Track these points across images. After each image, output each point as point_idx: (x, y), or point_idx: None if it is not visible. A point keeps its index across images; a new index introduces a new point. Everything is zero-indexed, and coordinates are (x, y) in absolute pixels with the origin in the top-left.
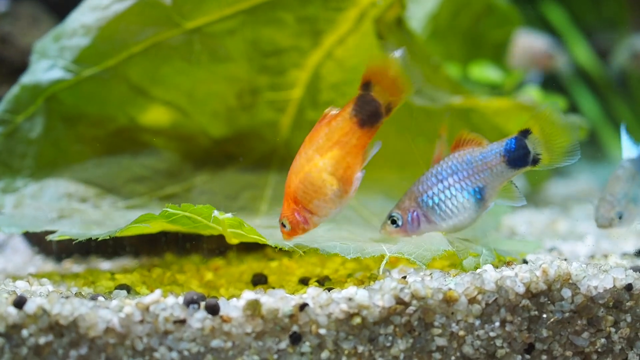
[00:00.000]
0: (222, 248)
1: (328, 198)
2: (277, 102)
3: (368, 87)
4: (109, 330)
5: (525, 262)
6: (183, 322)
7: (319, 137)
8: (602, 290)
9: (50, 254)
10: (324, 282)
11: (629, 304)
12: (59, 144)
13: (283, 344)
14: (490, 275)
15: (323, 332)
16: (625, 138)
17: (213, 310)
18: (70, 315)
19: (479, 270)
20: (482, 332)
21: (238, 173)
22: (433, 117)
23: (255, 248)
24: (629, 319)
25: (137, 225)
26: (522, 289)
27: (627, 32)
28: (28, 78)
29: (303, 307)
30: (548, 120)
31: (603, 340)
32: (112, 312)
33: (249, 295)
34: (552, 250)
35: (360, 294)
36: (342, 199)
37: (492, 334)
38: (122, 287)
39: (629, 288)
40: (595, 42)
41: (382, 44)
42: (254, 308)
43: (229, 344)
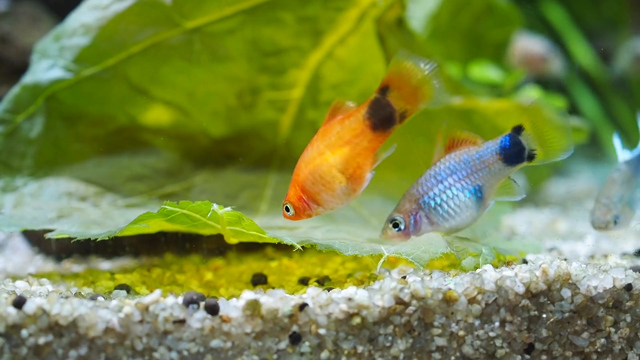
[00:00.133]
0: (221, 248)
1: (335, 193)
2: (277, 101)
3: (385, 91)
4: (109, 330)
5: (525, 262)
6: (183, 322)
7: (332, 133)
8: (601, 290)
9: (50, 254)
10: (324, 282)
11: (629, 304)
12: (59, 144)
13: (283, 344)
14: (490, 275)
15: (323, 332)
16: (618, 143)
17: (213, 310)
18: (70, 315)
19: (479, 270)
20: (481, 332)
21: (238, 173)
22: (433, 117)
23: (255, 248)
24: (629, 319)
25: (136, 226)
26: (521, 289)
27: (627, 32)
28: (28, 78)
29: (303, 307)
30: (538, 116)
31: (603, 340)
32: (111, 312)
33: (249, 295)
34: (552, 250)
35: (360, 294)
36: (349, 197)
37: (491, 334)
38: (121, 287)
39: (629, 288)
40: (595, 42)
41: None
42: (254, 308)
43: (229, 344)
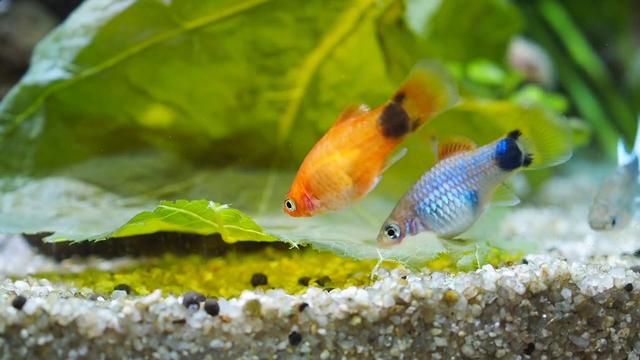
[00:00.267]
0: (221, 248)
1: (340, 195)
2: (277, 102)
3: (401, 98)
4: (109, 331)
5: (525, 262)
6: (182, 322)
7: (342, 134)
8: (602, 291)
9: (50, 254)
10: (324, 282)
11: (629, 304)
12: (59, 144)
13: (283, 344)
14: (490, 276)
15: (323, 332)
16: (622, 147)
17: (213, 311)
18: (70, 316)
19: (479, 271)
20: (482, 332)
21: (237, 173)
22: (434, 118)
23: (255, 248)
24: (629, 319)
25: (133, 225)
26: (522, 289)
27: (627, 33)
28: (28, 78)
29: (303, 307)
30: (537, 120)
31: (603, 341)
32: (111, 312)
33: (249, 296)
34: (552, 251)
35: (360, 294)
36: (353, 199)
37: (492, 334)
38: (121, 287)
39: (629, 288)
40: (595, 42)
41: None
42: (254, 308)
43: (229, 344)
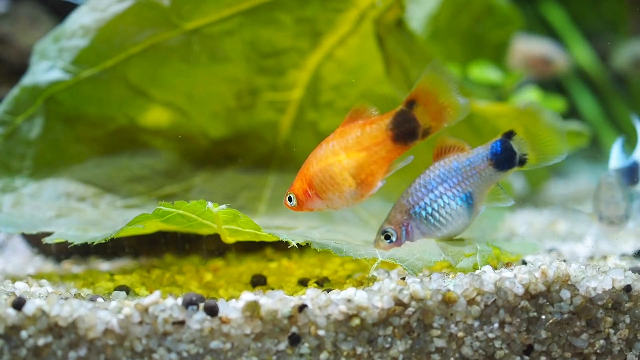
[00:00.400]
0: (221, 249)
1: (343, 195)
2: (276, 102)
3: (412, 104)
4: (108, 332)
5: (524, 263)
6: (182, 323)
7: (350, 136)
8: (601, 292)
9: (50, 255)
10: (323, 283)
11: (628, 305)
12: (58, 145)
13: (282, 345)
14: (489, 277)
15: (322, 333)
16: (618, 148)
17: (212, 312)
18: (70, 317)
19: (478, 272)
20: (481, 333)
21: (237, 173)
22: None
23: (255, 249)
24: (628, 320)
25: (132, 227)
26: (521, 290)
27: (627, 33)
28: (28, 79)
29: (302, 308)
30: (532, 120)
31: (602, 342)
32: (111, 313)
33: (248, 297)
34: (551, 251)
35: (359, 295)
36: (355, 201)
37: (491, 335)
38: (121, 288)
39: (628, 289)
40: (595, 42)
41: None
42: (253, 309)
43: (228, 345)
